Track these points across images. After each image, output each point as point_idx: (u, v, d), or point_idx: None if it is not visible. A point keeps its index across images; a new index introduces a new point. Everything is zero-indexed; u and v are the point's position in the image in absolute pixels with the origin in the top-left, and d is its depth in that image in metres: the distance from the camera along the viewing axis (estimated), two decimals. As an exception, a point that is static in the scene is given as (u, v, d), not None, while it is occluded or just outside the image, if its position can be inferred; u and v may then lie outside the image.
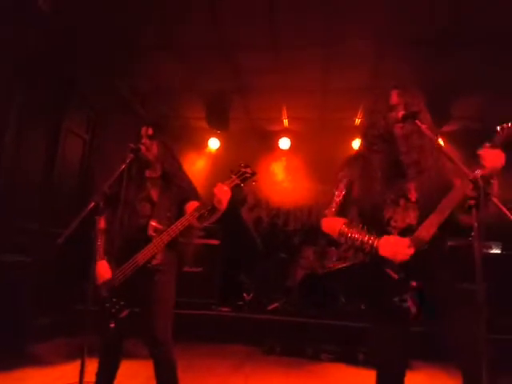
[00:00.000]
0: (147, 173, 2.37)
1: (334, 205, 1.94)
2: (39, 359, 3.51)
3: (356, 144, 6.66)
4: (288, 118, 6.57)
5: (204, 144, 7.04)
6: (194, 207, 2.17)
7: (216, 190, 2.09)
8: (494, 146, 1.61)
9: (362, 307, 1.76)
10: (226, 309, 5.12)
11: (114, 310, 2.13)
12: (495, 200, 1.46)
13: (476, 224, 1.46)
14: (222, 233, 5.68)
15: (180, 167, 2.51)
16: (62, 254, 3.96)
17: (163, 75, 5.23)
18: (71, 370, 2.92)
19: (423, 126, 1.64)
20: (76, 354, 2.09)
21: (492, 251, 5.01)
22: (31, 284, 4.01)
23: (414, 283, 1.65)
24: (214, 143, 6.96)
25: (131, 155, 2.14)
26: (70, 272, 4.15)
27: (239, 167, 2.18)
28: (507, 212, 1.47)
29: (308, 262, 5.68)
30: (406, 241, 1.67)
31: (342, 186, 1.95)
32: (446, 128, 5.60)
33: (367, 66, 4.83)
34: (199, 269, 5.48)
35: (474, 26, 3.94)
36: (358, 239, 1.76)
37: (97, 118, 5.30)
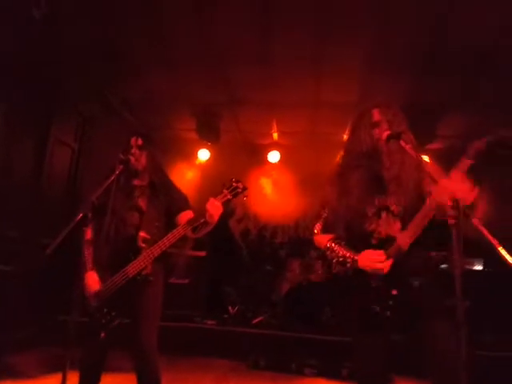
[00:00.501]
0: (135, 181, 2.38)
1: (320, 222, 2.05)
2: (19, 371, 3.43)
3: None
4: (278, 131, 6.64)
5: (194, 155, 7.05)
6: (186, 220, 2.19)
7: (208, 206, 2.12)
8: (467, 160, 1.65)
9: (344, 317, 1.81)
10: (210, 321, 5.07)
11: (104, 321, 2.12)
12: (476, 221, 1.50)
13: (455, 243, 1.50)
14: (209, 244, 5.68)
15: (168, 178, 2.53)
16: (46, 263, 3.90)
17: (154, 86, 5.25)
18: (52, 382, 2.86)
19: (407, 147, 1.69)
20: (57, 365, 2.06)
21: (474, 268, 5.10)
22: (13, 294, 3.93)
23: (394, 291, 1.72)
24: (203, 154, 6.98)
25: (121, 166, 2.14)
26: (53, 282, 4.08)
27: (231, 182, 2.19)
28: (488, 234, 1.50)
29: (294, 276, 5.69)
30: (381, 253, 1.75)
31: (326, 202, 2.03)
32: (431, 146, 5.73)
33: (356, 83, 4.94)
34: (186, 280, 5.45)
35: (460, 49, 4.07)
36: (339, 254, 1.86)
37: (86, 126, 5.28)
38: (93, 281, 2.17)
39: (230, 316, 5.42)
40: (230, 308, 5.57)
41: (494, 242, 1.47)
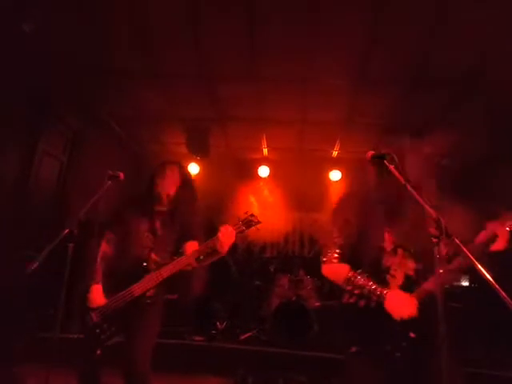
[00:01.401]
0: (157, 206, 2.44)
1: (335, 250, 1.90)
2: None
3: (333, 175, 6.82)
4: (267, 147, 6.70)
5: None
6: (192, 251, 2.26)
7: (221, 234, 2.18)
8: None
9: (353, 350, 1.78)
10: (198, 338, 5.01)
11: (103, 336, 2.14)
12: (457, 240, 1.53)
13: (438, 262, 1.53)
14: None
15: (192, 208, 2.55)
16: (30, 279, 3.82)
17: (144, 100, 5.27)
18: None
19: (391, 167, 1.73)
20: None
21: (461, 284, 5.15)
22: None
23: (412, 334, 1.69)
24: (193, 168, 6.98)
25: (109, 181, 2.16)
26: (35, 298, 4.00)
27: (246, 215, 2.34)
28: (468, 253, 1.53)
29: (283, 291, 5.65)
30: (414, 301, 1.71)
31: (341, 227, 1.92)
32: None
33: (344, 101, 5.02)
34: (175, 296, 5.38)
35: (443, 69, 4.19)
36: (365, 287, 1.78)
37: (75, 140, 5.26)
38: (97, 294, 2.20)
39: (218, 332, 5.36)
40: (218, 324, 5.51)
41: (473, 260, 1.50)
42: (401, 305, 1.71)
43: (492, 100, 4.59)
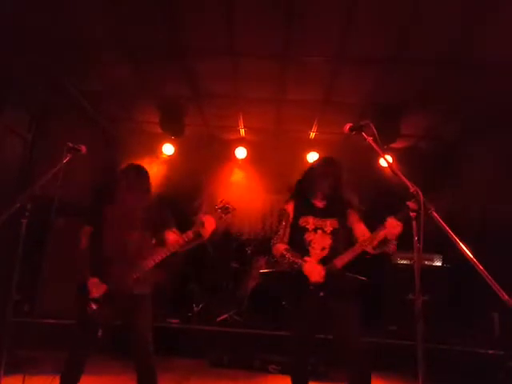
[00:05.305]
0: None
1: (280, 234, 2.65)
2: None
3: (311, 157, 6.77)
4: (245, 127, 6.55)
5: (158, 149, 6.83)
6: (183, 235, 2.53)
7: (205, 222, 2.49)
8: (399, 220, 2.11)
9: (284, 303, 2.55)
10: (174, 320, 4.95)
11: (104, 321, 2.31)
12: (435, 214, 1.49)
13: (416, 236, 1.48)
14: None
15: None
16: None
17: (116, 77, 5.02)
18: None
19: (369, 139, 1.67)
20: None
21: (434, 264, 5.24)
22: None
23: (321, 293, 2.37)
24: (168, 149, 6.77)
25: (69, 155, 2.03)
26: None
27: (222, 203, 2.67)
28: (447, 227, 1.49)
29: (259, 273, 5.63)
30: (321, 268, 2.38)
31: (286, 217, 2.68)
32: (394, 145, 5.81)
33: (322, 81, 4.92)
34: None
35: (422, 49, 4.14)
36: (291, 260, 2.46)
37: (42, 116, 4.98)
38: (96, 286, 2.30)
39: (195, 314, 5.31)
40: (194, 306, 5.46)
41: (454, 236, 1.46)
42: (313, 273, 2.36)
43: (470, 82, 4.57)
